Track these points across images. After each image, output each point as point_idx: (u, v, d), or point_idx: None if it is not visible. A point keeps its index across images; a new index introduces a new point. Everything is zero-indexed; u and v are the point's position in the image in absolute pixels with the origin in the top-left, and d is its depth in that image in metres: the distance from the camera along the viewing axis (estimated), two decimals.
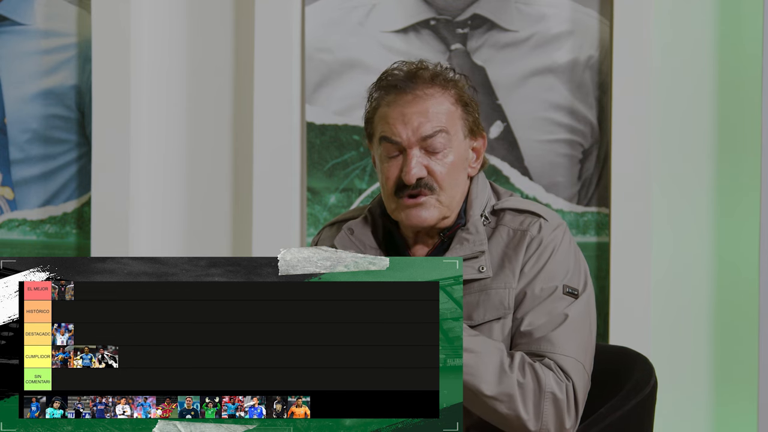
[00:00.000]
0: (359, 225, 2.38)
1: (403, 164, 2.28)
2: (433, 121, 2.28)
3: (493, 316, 2.27)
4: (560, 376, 2.20)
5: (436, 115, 2.28)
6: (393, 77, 2.32)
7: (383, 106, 2.31)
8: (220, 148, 3.68)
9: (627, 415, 2.28)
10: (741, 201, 3.36)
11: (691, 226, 3.38)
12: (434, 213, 2.30)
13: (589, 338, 2.27)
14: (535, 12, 3.46)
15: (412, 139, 2.27)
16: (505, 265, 2.29)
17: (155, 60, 3.69)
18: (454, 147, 2.30)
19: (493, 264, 2.29)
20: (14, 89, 3.80)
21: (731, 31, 3.36)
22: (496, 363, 2.18)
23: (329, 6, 3.56)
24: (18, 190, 3.82)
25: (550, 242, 2.30)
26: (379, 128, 2.31)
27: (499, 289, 2.27)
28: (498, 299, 2.27)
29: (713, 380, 3.39)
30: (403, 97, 2.29)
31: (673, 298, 3.41)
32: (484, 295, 2.27)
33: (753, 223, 3.33)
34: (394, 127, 2.28)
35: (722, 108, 3.37)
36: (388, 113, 2.29)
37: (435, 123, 2.28)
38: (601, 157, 3.44)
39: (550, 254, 2.29)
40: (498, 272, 2.29)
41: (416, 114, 2.28)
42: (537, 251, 2.29)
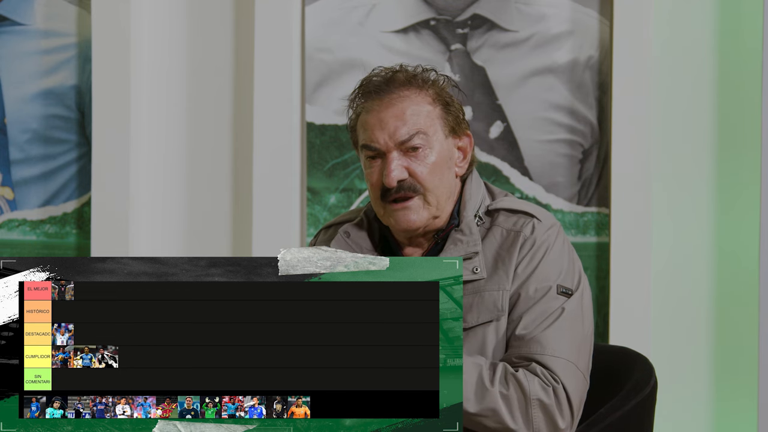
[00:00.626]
0: (355, 228, 2.38)
1: (383, 168, 2.28)
2: (408, 123, 2.28)
3: (487, 318, 2.27)
4: (547, 379, 2.19)
5: (412, 117, 2.28)
6: (370, 83, 2.33)
7: (363, 113, 2.32)
8: (220, 148, 3.68)
9: (627, 415, 2.28)
10: (741, 201, 3.36)
11: (691, 227, 3.38)
12: (423, 215, 2.29)
13: (584, 337, 2.26)
14: (535, 12, 3.46)
15: (390, 144, 2.27)
16: (498, 266, 2.29)
17: (155, 60, 3.69)
18: (435, 147, 2.29)
19: (487, 265, 2.29)
20: (14, 89, 3.80)
21: (731, 30, 3.36)
22: (473, 381, 2.17)
23: (329, 6, 3.56)
24: (18, 190, 3.82)
25: (543, 242, 2.30)
26: (361, 136, 2.32)
27: (493, 291, 2.27)
28: (491, 301, 2.26)
29: (713, 380, 3.39)
30: (380, 102, 2.30)
31: (673, 298, 3.41)
32: (478, 297, 2.27)
33: (753, 223, 3.33)
34: (372, 133, 2.28)
35: (722, 108, 3.37)
36: (367, 120, 2.30)
37: (411, 125, 2.28)
38: (601, 157, 3.44)
39: (543, 254, 2.29)
40: (492, 274, 2.28)
41: (392, 117, 2.28)
42: (530, 252, 2.28)
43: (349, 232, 2.37)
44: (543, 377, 2.19)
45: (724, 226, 3.38)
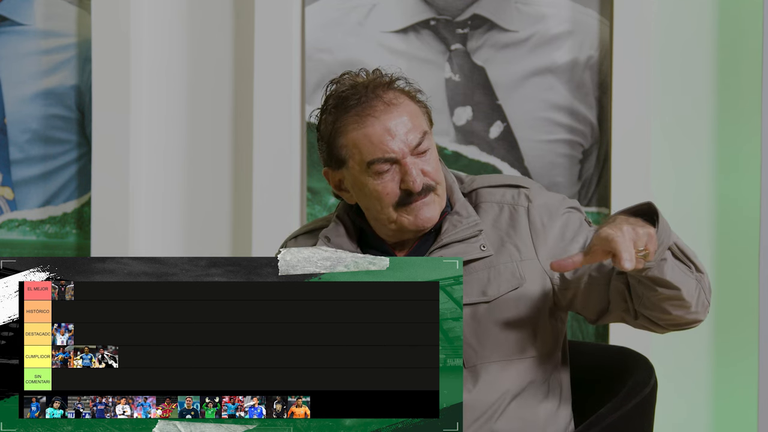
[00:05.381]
0: (333, 232, 2.32)
1: (404, 175, 2.23)
2: (414, 126, 2.25)
3: (509, 287, 2.26)
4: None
5: (412, 119, 2.25)
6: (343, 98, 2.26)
7: (353, 128, 2.24)
8: (220, 148, 3.68)
9: (627, 415, 2.28)
10: (742, 201, 3.36)
11: (691, 227, 3.38)
12: (437, 209, 2.28)
13: None
14: (535, 12, 3.46)
15: (405, 150, 2.23)
16: (505, 241, 2.28)
17: (155, 60, 3.69)
18: (432, 143, 2.29)
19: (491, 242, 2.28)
20: (14, 89, 3.80)
21: (731, 30, 3.36)
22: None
23: (329, 6, 3.56)
24: (18, 190, 3.82)
25: (544, 203, 2.31)
26: (362, 151, 2.24)
27: (507, 263, 2.26)
28: (509, 272, 2.26)
29: (713, 380, 3.40)
30: (372, 110, 2.23)
31: None
32: (494, 271, 2.26)
33: (754, 223, 3.33)
34: (383, 144, 2.22)
35: (722, 108, 3.37)
36: (368, 133, 2.23)
37: (416, 128, 2.25)
38: (601, 157, 3.44)
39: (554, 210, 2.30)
40: (499, 249, 2.27)
41: (398, 123, 2.23)
42: (542, 217, 2.29)
43: (329, 236, 2.31)
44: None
45: (724, 226, 3.38)
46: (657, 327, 2.28)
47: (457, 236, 2.27)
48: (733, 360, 3.38)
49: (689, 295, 2.20)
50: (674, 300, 2.19)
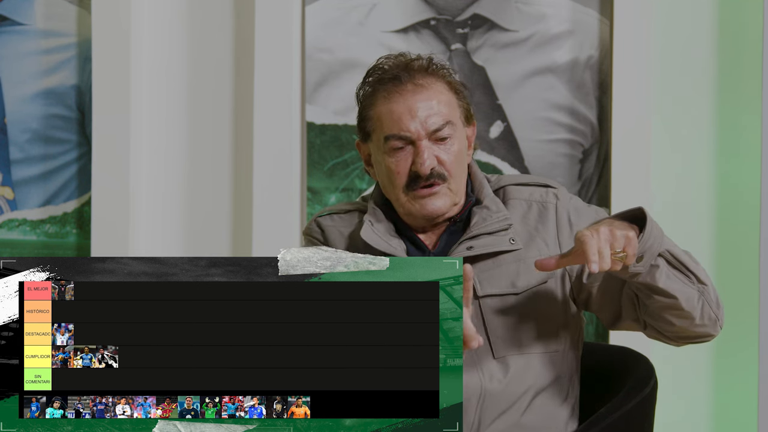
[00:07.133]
0: (373, 216, 2.34)
1: (415, 156, 2.26)
2: (439, 112, 2.26)
3: (539, 280, 2.27)
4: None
5: (439, 105, 2.27)
6: (383, 71, 2.30)
7: (381, 102, 2.28)
8: (220, 148, 3.68)
9: (627, 415, 2.28)
10: (742, 201, 3.36)
11: (691, 227, 3.38)
12: (447, 201, 2.29)
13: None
14: (535, 12, 3.46)
15: (422, 132, 2.25)
16: (534, 236, 2.29)
17: (155, 60, 3.69)
18: (457, 136, 2.29)
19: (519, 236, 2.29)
20: (14, 89, 3.81)
21: (731, 30, 3.36)
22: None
23: (329, 6, 3.56)
24: (18, 190, 3.82)
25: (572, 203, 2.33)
26: (383, 125, 2.28)
27: (536, 257, 2.25)
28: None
29: (713, 380, 3.40)
30: (402, 89, 2.27)
31: None
32: (523, 265, 2.27)
33: (754, 223, 3.33)
34: (401, 122, 2.25)
35: (723, 108, 3.37)
36: (391, 108, 2.27)
37: (442, 115, 2.26)
38: (601, 157, 3.44)
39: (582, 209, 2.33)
40: (528, 243, 2.29)
41: (422, 106, 2.26)
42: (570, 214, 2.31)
43: (372, 221, 2.33)
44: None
45: (724, 226, 3.38)
46: (667, 339, 2.28)
47: (487, 229, 2.28)
48: (733, 360, 3.38)
49: (689, 305, 2.19)
50: (673, 309, 2.19)
